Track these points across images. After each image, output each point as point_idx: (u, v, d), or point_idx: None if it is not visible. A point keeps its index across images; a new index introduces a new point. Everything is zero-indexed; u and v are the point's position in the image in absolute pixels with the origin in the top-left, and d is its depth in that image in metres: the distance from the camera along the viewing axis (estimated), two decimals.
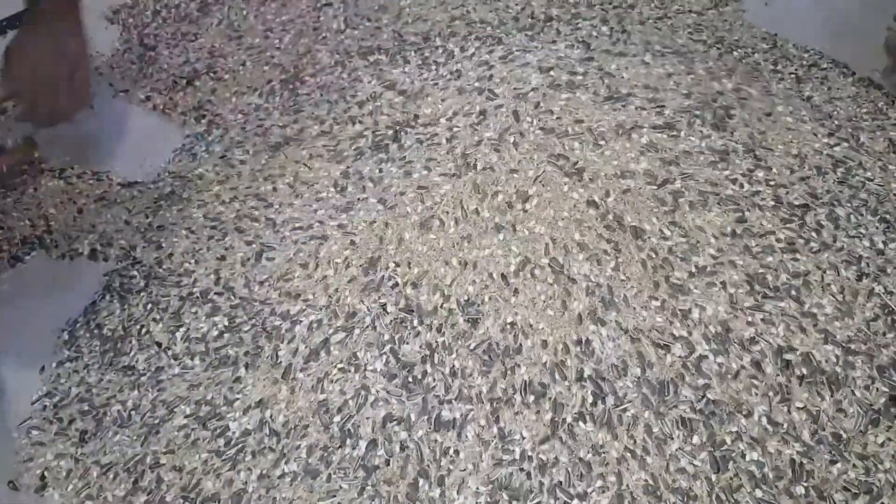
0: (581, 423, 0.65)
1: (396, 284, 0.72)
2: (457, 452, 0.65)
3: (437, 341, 0.69)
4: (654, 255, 0.70)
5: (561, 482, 0.63)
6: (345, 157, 0.85)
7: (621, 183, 0.74)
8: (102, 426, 0.73)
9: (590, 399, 0.66)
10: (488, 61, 0.92)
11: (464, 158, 0.78)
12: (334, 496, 0.64)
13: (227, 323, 0.75)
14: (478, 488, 0.63)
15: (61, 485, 0.69)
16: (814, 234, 0.74)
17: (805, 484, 0.63)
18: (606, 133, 0.77)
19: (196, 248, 0.82)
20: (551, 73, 0.85)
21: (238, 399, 0.71)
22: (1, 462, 0.71)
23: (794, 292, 0.70)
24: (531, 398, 0.66)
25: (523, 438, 0.65)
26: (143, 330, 0.78)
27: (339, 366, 0.69)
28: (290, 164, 0.88)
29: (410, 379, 0.68)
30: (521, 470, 0.64)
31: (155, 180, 0.96)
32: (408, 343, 0.69)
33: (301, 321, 0.72)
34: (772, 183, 0.76)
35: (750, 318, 0.68)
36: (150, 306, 0.79)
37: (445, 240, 0.72)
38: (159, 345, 0.76)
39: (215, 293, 0.77)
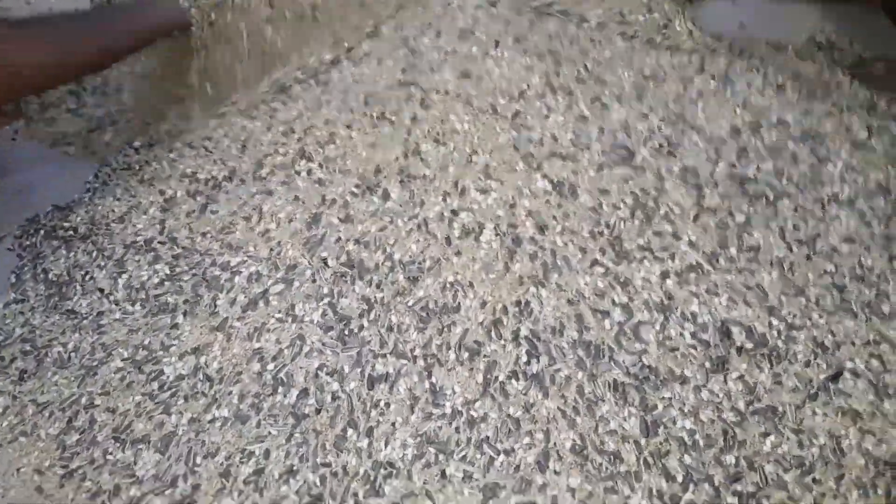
0: (513, 381, 0.65)
1: (339, 240, 0.73)
2: (387, 405, 0.66)
3: (375, 297, 0.70)
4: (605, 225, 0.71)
5: (488, 437, 0.63)
6: None
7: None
8: (42, 366, 0.74)
9: (524, 358, 0.66)
10: None
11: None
12: (262, 441, 0.65)
13: (168, 271, 0.76)
14: (406, 440, 0.64)
15: None
16: (768, 210, 0.74)
17: (735, 454, 0.63)
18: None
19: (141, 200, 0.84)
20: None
21: (174, 345, 0.72)
22: None
23: (742, 265, 0.70)
24: (465, 355, 0.67)
25: (454, 394, 0.65)
26: (88, 276, 0.80)
27: (277, 316, 0.70)
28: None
29: (346, 332, 0.69)
30: (450, 424, 0.64)
31: None
32: (346, 297, 0.70)
33: (241, 272, 0.73)
34: (732, 163, 0.77)
35: (694, 289, 0.69)
36: (95, 253, 0.81)
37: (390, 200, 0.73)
38: (102, 290, 0.77)
39: (158, 242, 0.79)
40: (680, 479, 0.62)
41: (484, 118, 0.79)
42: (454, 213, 0.73)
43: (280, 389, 0.67)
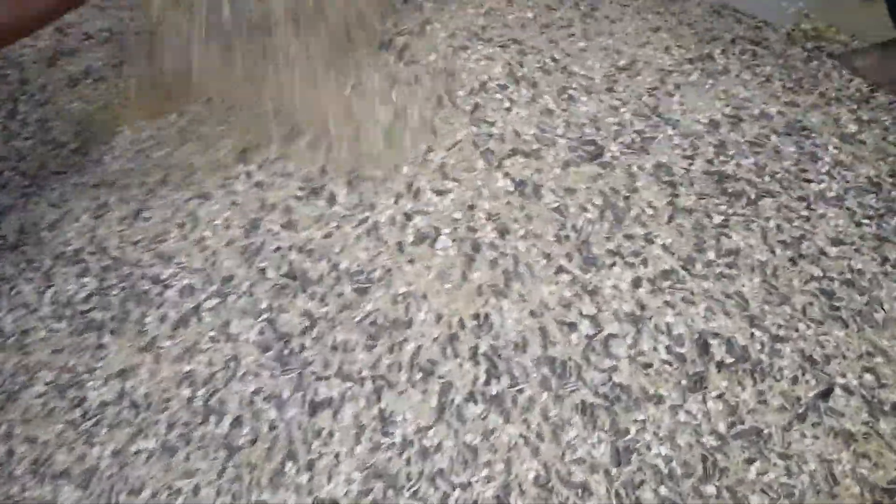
0: (471, 405, 0.59)
1: (279, 248, 0.66)
2: (331, 434, 0.59)
3: (319, 311, 0.63)
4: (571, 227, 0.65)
5: (443, 469, 0.57)
6: None
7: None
8: None
9: (483, 378, 0.60)
10: None
11: None
12: (191, 477, 0.59)
13: (96, 285, 0.69)
14: (351, 474, 0.57)
15: None
16: (749, 210, 0.68)
17: (717, 483, 0.57)
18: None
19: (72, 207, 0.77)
20: None
21: (99, 367, 0.65)
22: None
23: (720, 270, 0.64)
24: (418, 376, 0.60)
25: (406, 420, 0.59)
26: (14, 290, 0.73)
27: (210, 334, 0.64)
28: None
29: (286, 352, 0.62)
30: (401, 455, 0.58)
31: None
32: (287, 312, 0.64)
33: (172, 285, 0.67)
34: (710, 159, 0.71)
35: (669, 298, 0.63)
36: (23, 265, 0.74)
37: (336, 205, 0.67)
38: (27, 306, 0.70)
39: (88, 252, 0.72)
40: None
41: (441, 112, 0.73)
42: (407, 216, 0.67)
43: (212, 418, 0.60)
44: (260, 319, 0.64)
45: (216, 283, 0.66)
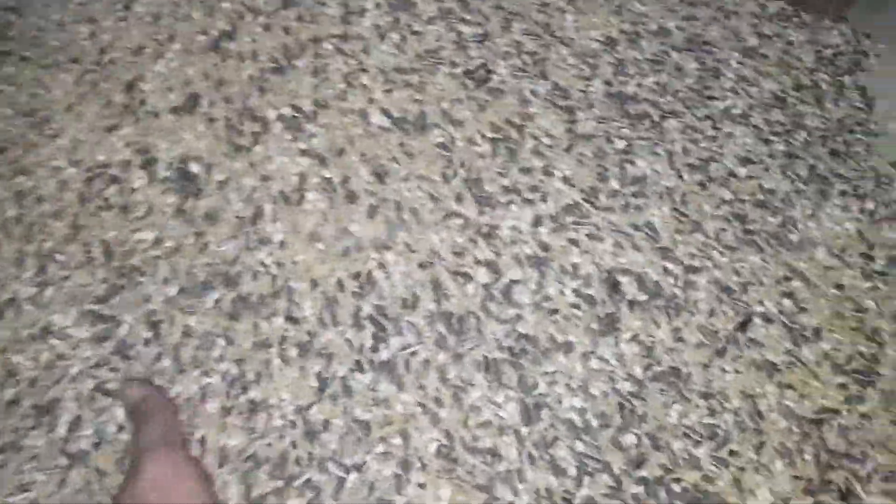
0: (358, 375, 0.51)
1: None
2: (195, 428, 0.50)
3: (165, 294, 0.54)
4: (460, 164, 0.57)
5: (334, 451, 0.49)
6: None
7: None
8: None
9: (369, 343, 0.52)
10: None
11: None
12: (27, 490, 0.49)
13: None
14: (226, 475, 0.49)
15: None
16: (653, 132, 0.63)
17: (637, 431, 0.52)
18: None
19: None
20: None
21: None
22: None
23: (627, 201, 0.58)
24: (294, 352, 0.52)
25: (283, 401, 0.51)
26: None
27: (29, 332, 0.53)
28: None
29: (127, 342, 0.53)
30: (282, 438, 0.50)
31: None
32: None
33: None
34: (608, 80, 0.65)
35: (573, 235, 0.56)
36: None
37: None
38: None
39: None
40: (572, 471, 0.50)
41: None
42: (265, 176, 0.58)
43: (45, 419, 0.51)
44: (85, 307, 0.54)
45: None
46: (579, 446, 0.51)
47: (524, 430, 0.51)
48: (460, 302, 0.54)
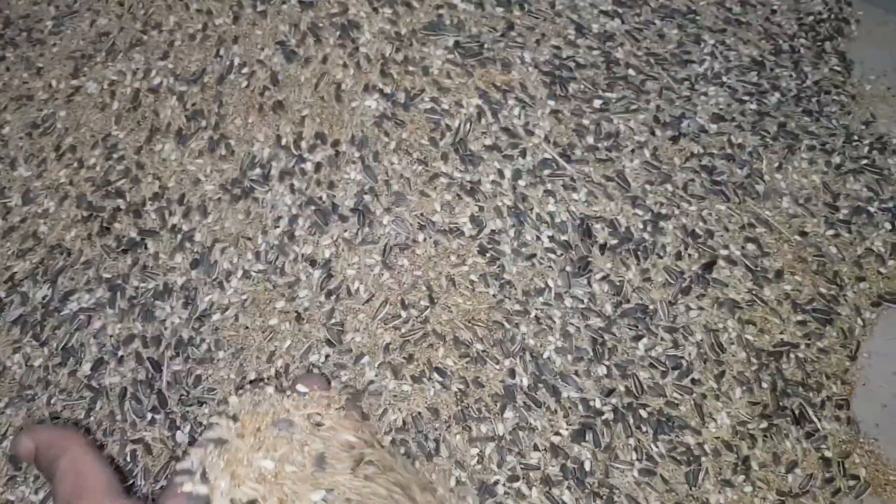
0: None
1: None
2: None
3: None
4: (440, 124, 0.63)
5: None
6: None
7: None
8: None
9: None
10: None
11: None
12: None
13: None
14: None
15: None
16: (630, 93, 0.68)
17: (607, 363, 0.58)
18: None
19: None
20: None
21: None
22: None
23: (600, 154, 0.64)
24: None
25: None
26: None
27: None
28: None
29: None
30: None
31: None
32: None
33: None
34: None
35: (550, 186, 0.62)
36: None
37: None
38: None
39: None
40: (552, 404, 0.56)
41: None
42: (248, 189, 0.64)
43: None
44: None
45: None
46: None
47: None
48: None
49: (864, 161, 0.69)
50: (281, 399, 0.47)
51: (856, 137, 0.72)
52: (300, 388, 0.49)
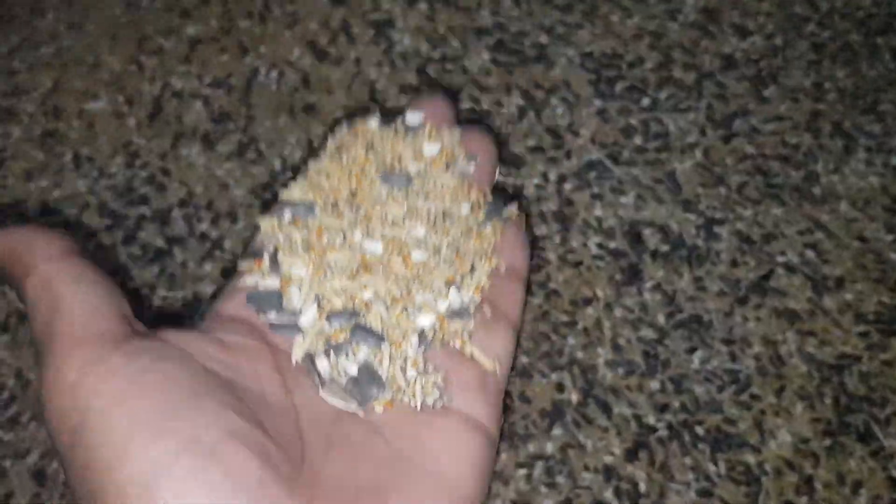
0: None
1: None
2: None
3: None
4: None
5: None
6: None
7: None
8: None
9: None
10: None
11: None
12: None
13: None
14: None
15: None
16: (682, 91, 0.66)
17: (660, 376, 0.55)
18: None
19: None
20: None
21: None
22: None
23: (649, 157, 0.62)
24: None
25: None
26: None
27: None
28: None
29: None
30: None
31: None
32: None
33: None
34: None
35: (597, 189, 0.60)
36: None
37: None
38: None
39: None
40: (602, 421, 0.54)
41: None
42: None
43: None
44: None
45: None
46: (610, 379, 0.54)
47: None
48: None
49: None
50: (392, 138, 0.33)
51: None
52: (411, 117, 0.35)
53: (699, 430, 0.54)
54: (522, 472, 0.52)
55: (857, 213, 0.63)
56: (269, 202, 0.58)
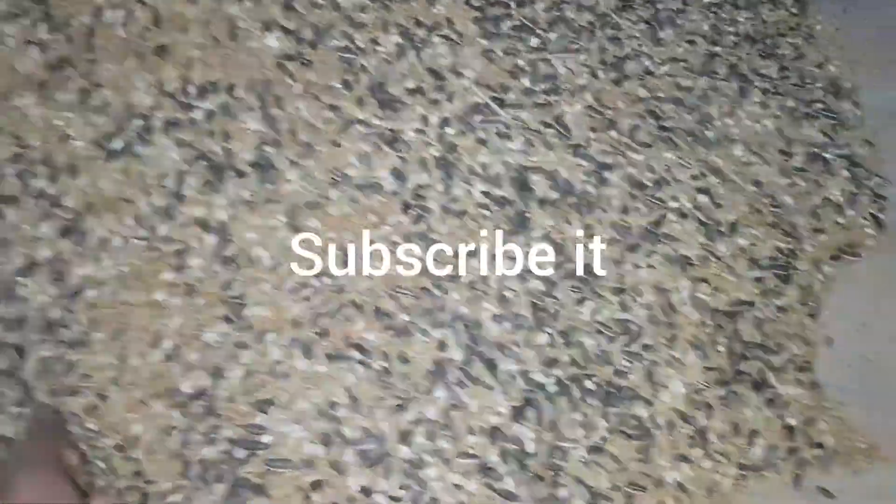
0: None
1: None
2: None
3: None
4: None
5: None
6: None
7: None
8: None
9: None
10: None
11: None
12: None
13: None
14: None
15: None
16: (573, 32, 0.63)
17: (549, 330, 0.52)
18: None
19: None
20: None
21: None
22: None
23: (538, 100, 0.59)
24: None
25: None
26: None
27: None
28: None
29: None
30: None
31: None
32: None
33: None
34: None
35: (482, 134, 0.57)
36: None
37: None
38: None
39: None
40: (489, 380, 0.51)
41: None
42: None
43: None
44: None
45: None
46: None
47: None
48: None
49: (819, 105, 0.66)
50: None
51: (809, 80, 0.68)
52: None
53: (589, 385, 0.52)
54: (403, 439, 0.48)
55: (751, 157, 0.62)
56: (114, 153, 0.53)
